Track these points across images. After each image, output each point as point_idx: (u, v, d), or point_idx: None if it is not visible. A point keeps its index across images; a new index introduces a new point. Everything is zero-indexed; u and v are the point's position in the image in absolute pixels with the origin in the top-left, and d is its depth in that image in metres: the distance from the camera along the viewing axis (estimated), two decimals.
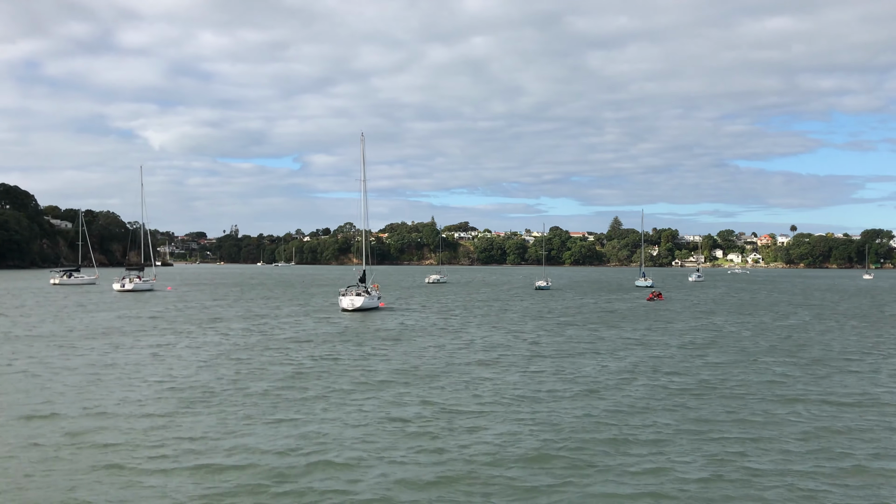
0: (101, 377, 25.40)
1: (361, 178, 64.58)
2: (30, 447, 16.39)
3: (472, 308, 63.05)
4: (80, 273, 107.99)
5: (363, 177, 64.50)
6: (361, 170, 64.62)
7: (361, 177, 64.54)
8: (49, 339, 36.38)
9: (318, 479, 14.42)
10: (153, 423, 18.72)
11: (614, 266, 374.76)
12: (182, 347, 33.76)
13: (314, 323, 47.30)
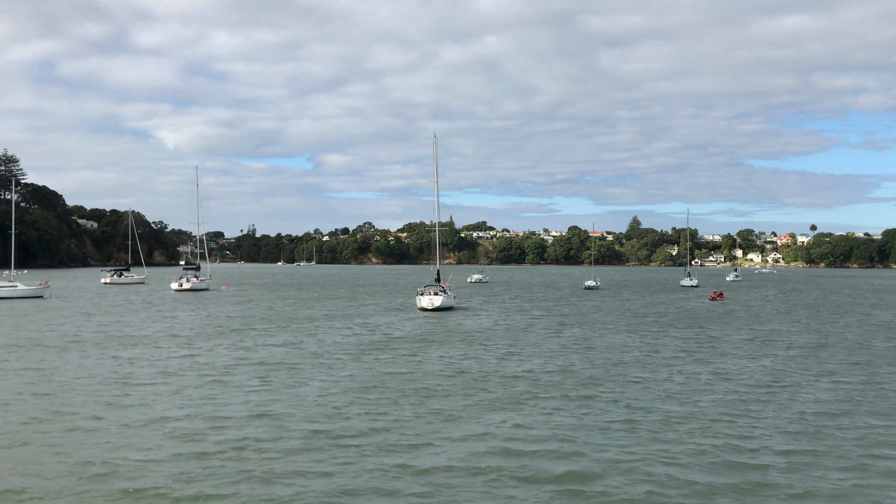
0: (305, 376, 25.52)
1: (434, 180, 64.64)
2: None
3: (545, 307, 62.95)
4: (129, 272, 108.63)
5: (435, 178, 64.64)
6: (434, 169, 64.71)
7: (434, 178, 64.61)
8: (180, 339, 36.57)
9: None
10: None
11: (634, 265, 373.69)
12: (330, 345, 33.82)
13: (409, 321, 47.28)
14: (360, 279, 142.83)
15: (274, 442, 16.96)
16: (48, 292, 72.69)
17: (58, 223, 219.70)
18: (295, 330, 41.92)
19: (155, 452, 16.00)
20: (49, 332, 39.75)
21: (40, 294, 71.15)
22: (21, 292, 69.65)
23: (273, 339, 37.30)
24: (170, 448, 16.34)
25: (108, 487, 13.79)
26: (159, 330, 41.14)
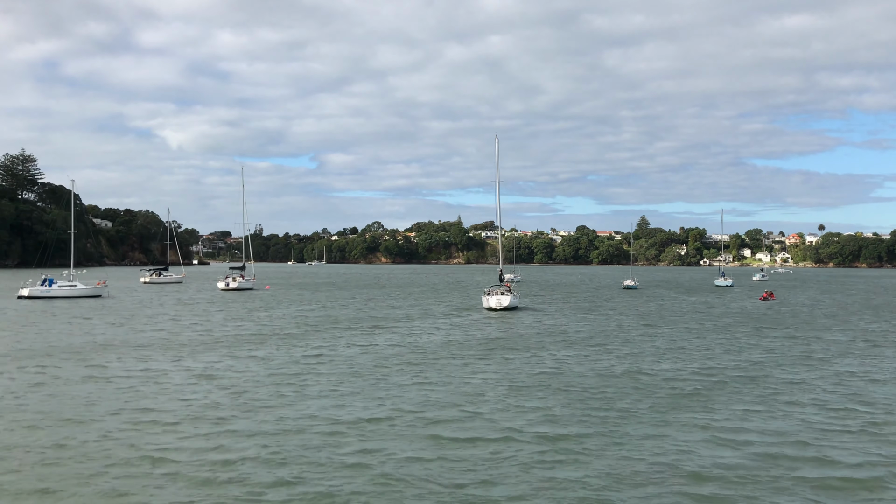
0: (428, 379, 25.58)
1: (496, 180, 64.66)
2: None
3: (610, 307, 62.97)
4: (168, 272, 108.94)
5: (497, 178, 64.63)
6: (496, 169, 64.74)
7: (496, 178, 64.63)
8: (294, 338, 36.58)
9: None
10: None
11: (642, 265, 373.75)
12: (442, 343, 33.85)
13: (492, 321, 47.26)
14: (394, 279, 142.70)
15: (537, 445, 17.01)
16: (106, 291, 72.78)
17: (76, 222, 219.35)
18: (392, 329, 41.94)
19: (426, 451, 16.06)
20: (156, 332, 39.75)
21: (99, 293, 71.25)
22: (81, 291, 69.77)
23: (381, 338, 37.31)
24: (430, 444, 16.37)
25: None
26: (261, 330, 41.14)
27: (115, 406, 20.11)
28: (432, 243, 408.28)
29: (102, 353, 30.42)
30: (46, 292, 66.32)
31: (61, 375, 24.92)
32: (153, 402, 20.78)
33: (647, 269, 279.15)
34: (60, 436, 16.87)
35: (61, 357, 29.40)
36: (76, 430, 17.38)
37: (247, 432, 17.38)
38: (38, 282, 68.16)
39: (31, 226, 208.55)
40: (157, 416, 18.96)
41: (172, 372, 25.97)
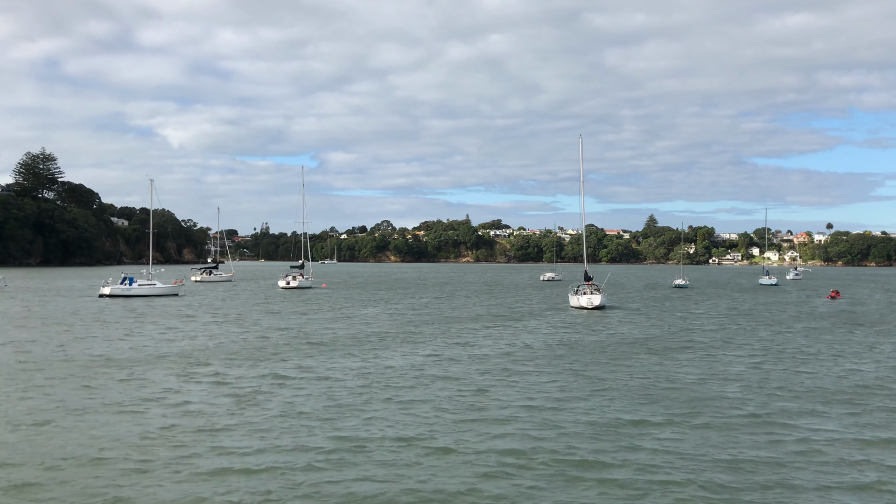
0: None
1: (580, 180, 64.95)
2: None
3: (682, 308, 63.15)
4: (218, 270, 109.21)
5: (581, 177, 64.96)
6: (580, 170, 65.02)
7: (580, 178, 64.93)
8: (413, 340, 36.62)
9: None
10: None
11: (651, 264, 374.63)
12: (569, 344, 33.93)
13: (597, 321, 47.34)
14: (429, 279, 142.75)
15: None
16: (182, 290, 72.96)
17: (96, 221, 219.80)
18: (509, 327, 41.97)
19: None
20: (276, 332, 39.61)
21: (175, 292, 71.40)
22: (160, 290, 69.93)
23: (496, 338, 37.30)
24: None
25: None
26: (373, 330, 41.15)
27: (384, 396, 20.32)
28: (441, 242, 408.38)
29: (294, 353, 30.47)
30: (127, 291, 66.46)
31: (288, 376, 24.96)
32: (422, 392, 20.89)
33: (659, 268, 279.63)
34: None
35: (257, 359, 29.31)
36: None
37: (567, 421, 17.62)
38: (118, 280, 68.32)
39: (52, 224, 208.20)
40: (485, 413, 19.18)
41: (405, 369, 25.97)
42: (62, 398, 20.71)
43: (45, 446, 15.85)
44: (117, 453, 15.33)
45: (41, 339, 34.35)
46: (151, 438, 16.53)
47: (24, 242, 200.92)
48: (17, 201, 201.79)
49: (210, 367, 26.80)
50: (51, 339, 34.34)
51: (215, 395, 21.49)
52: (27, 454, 15.20)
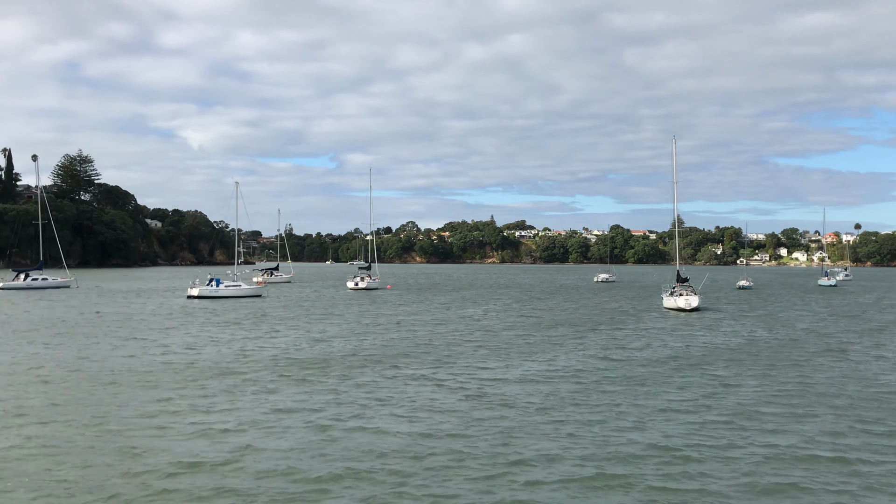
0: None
1: (673, 181, 64.27)
2: None
3: (767, 309, 62.44)
4: (278, 272, 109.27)
5: (674, 178, 64.24)
6: (672, 171, 64.38)
7: (673, 178, 64.24)
8: (553, 344, 36.22)
9: None
10: None
11: (679, 264, 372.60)
12: (703, 347, 33.43)
13: (706, 324, 46.76)
14: (474, 280, 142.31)
15: None
16: (265, 291, 72.86)
17: (132, 223, 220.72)
18: (618, 331, 41.46)
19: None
20: (426, 332, 39.21)
21: (259, 293, 71.25)
22: (245, 291, 69.83)
23: (628, 340, 36.74)
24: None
25: None
26: (510, 334, 40.67)
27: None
28: (466, 243, 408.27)
29: (469, 356, 29.94)
30: (215, 292, 66.44)
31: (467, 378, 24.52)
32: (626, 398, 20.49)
33: (694, 270, 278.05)
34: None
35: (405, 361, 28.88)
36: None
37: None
38: (205, 282, 68.30)
39: (90, 226, 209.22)
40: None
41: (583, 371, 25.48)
42: (334, 400, 20.26)
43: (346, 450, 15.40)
44: (407, 452, 14.90)
45: (220, 342, 33.96)
46: (434, 438, 16.07)
47: (64, 244, 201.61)
48: (56, 203, 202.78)
49: (412, 368, 26.43)
50: (233, 341, 33.96)
51: (457, 398, 20.97)
52: (325, 458, 14.79)
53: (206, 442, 16.16)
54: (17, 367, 26.16)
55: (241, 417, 18.49)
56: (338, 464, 14.64)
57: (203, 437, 16.59)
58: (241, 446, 15.80)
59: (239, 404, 20.05)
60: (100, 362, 27.43)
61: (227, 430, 17.17)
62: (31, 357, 28.74)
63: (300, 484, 13.52)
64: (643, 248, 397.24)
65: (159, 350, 31.08)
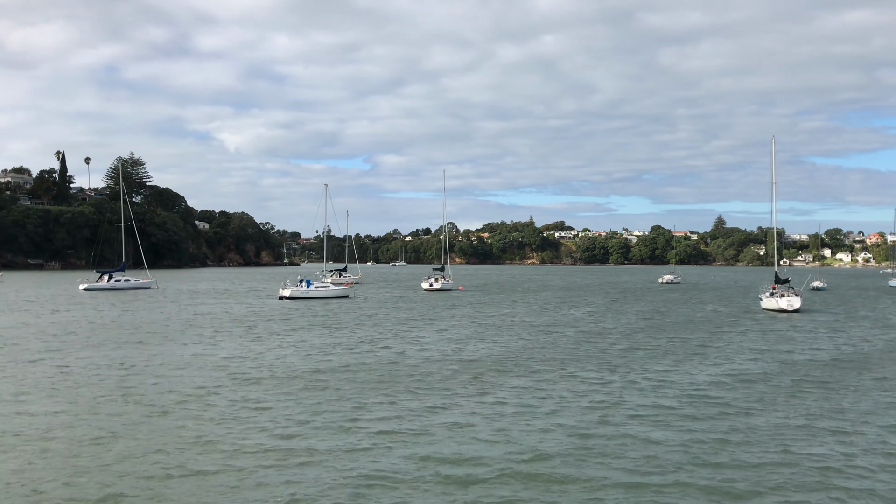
0: None
1: (772, 181, 63.51)
2: None
3: (865, 310, 61.45)
4: (347, 272, 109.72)
5: (773, 179, 63.49)
6: (771, 172, 63.65)
7: (771, 179, 63.50)
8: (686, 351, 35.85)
9: None
10: None
11: (720, 265, 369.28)
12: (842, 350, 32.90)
13: (816, 325, 46.22)
14: (540, 282, 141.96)
15: None
16: (353, 292, 73.20)
17: (183, 224, 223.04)
18: (732, 335, 41.01)
19: None
20: (550, 334, 38.98)
21: (347, 294, 71.60)
22: (334, 292, 70.23)
23: (751, 344, 36.34)
24: None
25: None
26: (645, 337, 40.43)
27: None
28: (506, 244, 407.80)
29: (626, 358, 29.71)
30: (306, 293, 66.93)
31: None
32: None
33: (735, 270, 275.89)
34: None
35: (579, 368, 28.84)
36: None
37: None
38: (296, 283, 68.81)
39: (143, 227, 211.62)
40: None
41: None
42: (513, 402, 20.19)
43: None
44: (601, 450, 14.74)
45: (407, 341, 34.10)
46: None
47: (118, 245, 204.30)
48: (111, 205, 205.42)
49: (598, 371, 26.22)
50: (375, 342, 34.07)
51: (680, 401, 20.77)
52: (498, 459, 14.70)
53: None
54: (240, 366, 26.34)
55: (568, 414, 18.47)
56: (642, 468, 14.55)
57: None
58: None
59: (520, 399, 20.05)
60: (339, 359, 27.59)
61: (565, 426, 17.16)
62: (246, 356, 28.96)
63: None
64: (685, 248, 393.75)
65: (393, 349, 31.31)
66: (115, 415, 18.68)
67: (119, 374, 25.02)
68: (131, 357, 29.17)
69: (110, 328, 40.94)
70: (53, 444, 15.85)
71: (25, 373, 25.13)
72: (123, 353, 30.24)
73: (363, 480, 13.60)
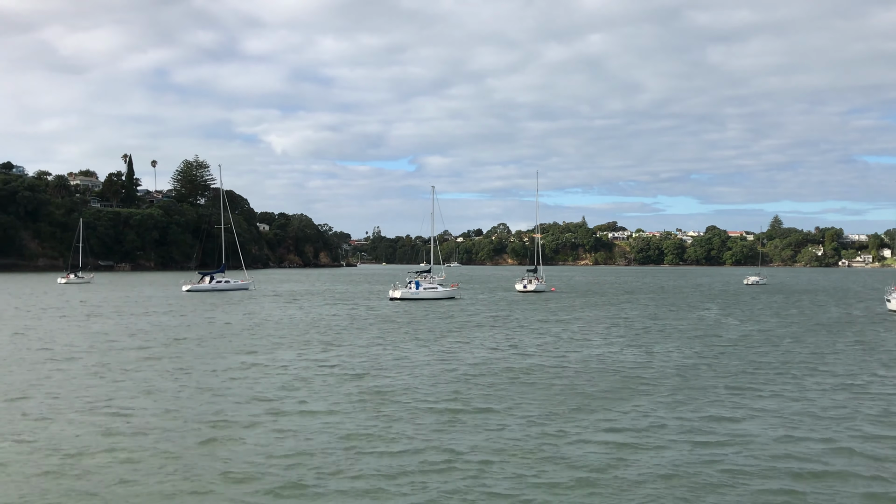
0: None
1: None
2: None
3: None
4: (431, 273, 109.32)
5: None
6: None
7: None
8: None
9: None
10: None
11: (778, 266, 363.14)
12: None
13: None
14: (624, 283, 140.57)
15: None
16: (458, 293, 72.80)
17: (247, 226, 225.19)
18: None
19: None
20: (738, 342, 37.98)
21: (453, 295, 71.21)
22: (441, 293, 69.92)
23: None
24: None
25: None
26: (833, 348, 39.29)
27: None
28: (559, 245, 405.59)
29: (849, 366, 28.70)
30: (415, 294, 66.82)
31: None
32: None
33: (797, 272, 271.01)
34: None
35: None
36: None
37: None
38: (406, 284, 68.71)
39: (209, 229, 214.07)
40: None
41: None
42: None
43: None
44: None
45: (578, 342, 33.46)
46: None
47: (185, 247, 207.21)
48: (178, 207, 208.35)
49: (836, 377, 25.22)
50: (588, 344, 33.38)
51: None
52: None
53: None
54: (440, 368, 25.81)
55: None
56: None
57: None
58: None
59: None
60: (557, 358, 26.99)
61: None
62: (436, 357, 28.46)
63: None
64: (741, 249, 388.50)
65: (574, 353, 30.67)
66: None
67: (394, 372, 24.54)
68: (379, 356, 29.04)
69: (284, 327, 40.74)
70: (359, 442, 15.33)
71: (272, 375, 24.81)
72: (363, 352, 30.07)
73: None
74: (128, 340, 34.77)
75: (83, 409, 19.23)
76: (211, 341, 34.92)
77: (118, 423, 17.58)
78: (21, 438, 16.19)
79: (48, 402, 20.14)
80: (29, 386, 22.47)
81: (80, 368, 26.16)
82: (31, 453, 15.06)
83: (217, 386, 22.70)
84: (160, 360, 28.16)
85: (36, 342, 33.97)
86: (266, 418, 18.19)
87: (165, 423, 17.62)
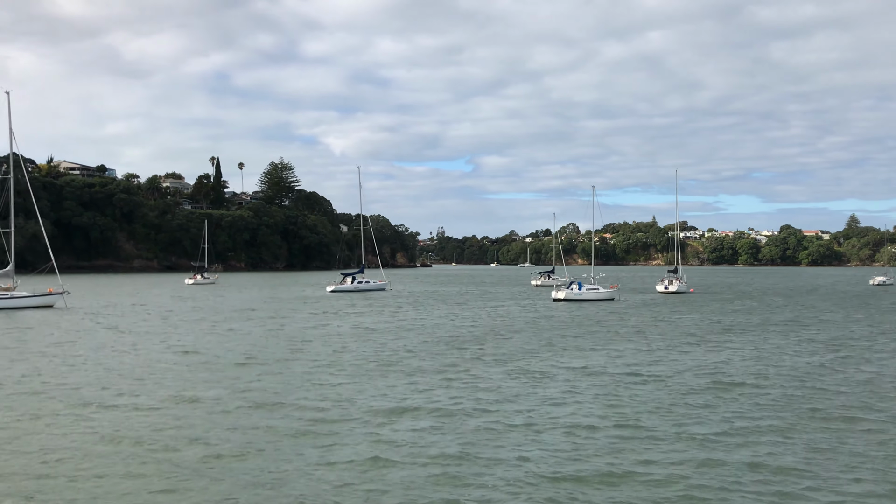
0: None
1: None
2: None
3: None
4: (555, 275, 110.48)
5: None
6: None
7: None
8: None
9: None
10: None
11: (855, 266, 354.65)
12: None
13: None
14: (736, 285, 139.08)
15: None
16: (618, 294, 73.68)
17: (331, 227, 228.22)
18: None
19: None
20: None
21: (612, 297, 70.60)
22: (603, 294, 69.90)
23: None
24: None
25: None
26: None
27: None
28: (630, 245, 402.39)
29: None
30: (578, 295, 67.47)
31: None
32: None
33: (870, 271, 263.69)
34: None
35: None
36: None
37: None
38: (570, 285, 69.64)
39: (296, 231, 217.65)
40: None
41: None
42: None
43: None
44: None
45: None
46: None
47: (274, 248, 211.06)
48: (267, 209, 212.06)
49: None
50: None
51: None
52: None
53: None
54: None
55: None
56: None
57: None
58: None
59: None
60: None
61: None
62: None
63: None
64: (817, 248, 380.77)
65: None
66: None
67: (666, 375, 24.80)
68: (636, 359, 29.21)
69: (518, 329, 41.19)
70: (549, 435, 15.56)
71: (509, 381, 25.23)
72: (641, 358, 30.29)
73: None
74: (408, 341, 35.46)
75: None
76: (493, 341, 35.34)
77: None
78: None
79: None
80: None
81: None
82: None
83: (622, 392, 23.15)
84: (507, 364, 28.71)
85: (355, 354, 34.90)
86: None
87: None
